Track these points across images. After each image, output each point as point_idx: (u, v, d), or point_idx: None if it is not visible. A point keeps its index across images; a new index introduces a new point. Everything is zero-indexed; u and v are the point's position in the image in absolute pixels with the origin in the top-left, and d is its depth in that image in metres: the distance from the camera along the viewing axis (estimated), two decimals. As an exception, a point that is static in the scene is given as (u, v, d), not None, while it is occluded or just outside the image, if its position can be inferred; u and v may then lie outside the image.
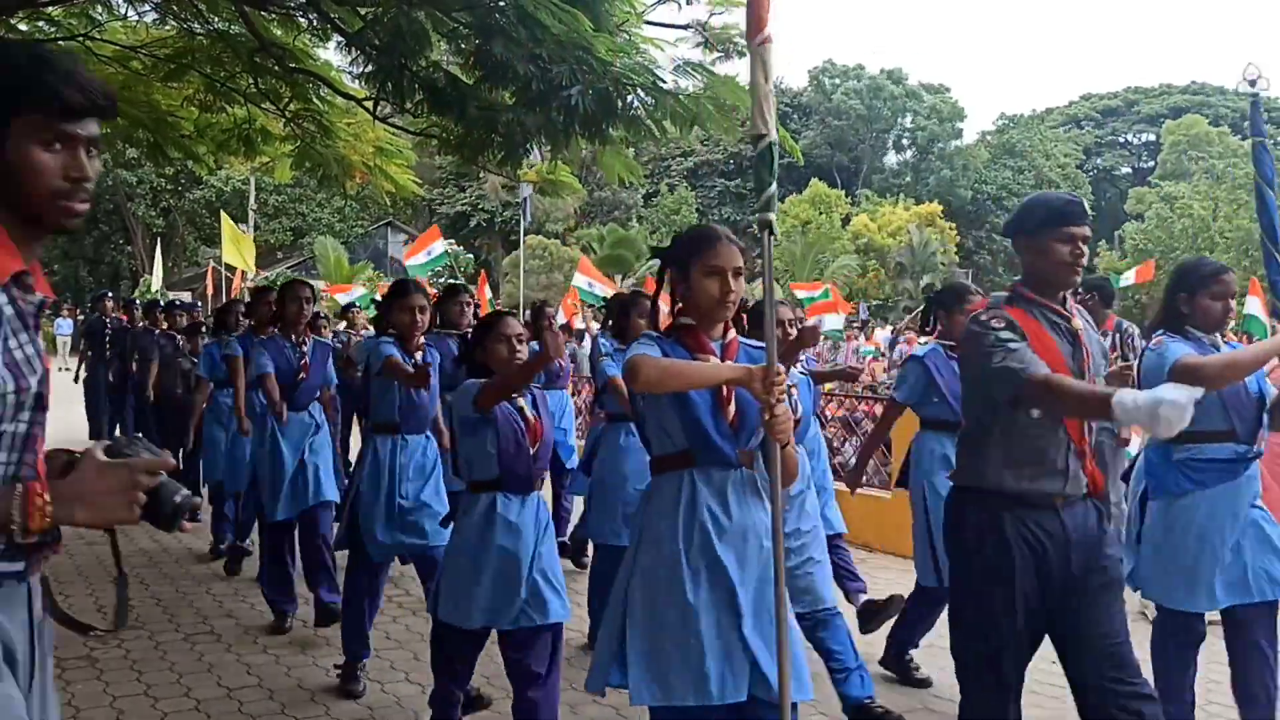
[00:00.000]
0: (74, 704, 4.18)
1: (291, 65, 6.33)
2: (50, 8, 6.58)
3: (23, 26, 6.82)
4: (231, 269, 21.29)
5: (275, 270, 35.12)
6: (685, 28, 5.23)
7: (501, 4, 4.71)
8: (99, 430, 11.59)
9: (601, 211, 41.75)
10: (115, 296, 12.66)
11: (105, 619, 5.18)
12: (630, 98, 5.11)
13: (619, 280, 29.55)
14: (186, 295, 15.84)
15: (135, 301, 12.12)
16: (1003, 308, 2.98)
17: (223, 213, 22.61)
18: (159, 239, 30.22)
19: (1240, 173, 32.10)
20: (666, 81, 5.25)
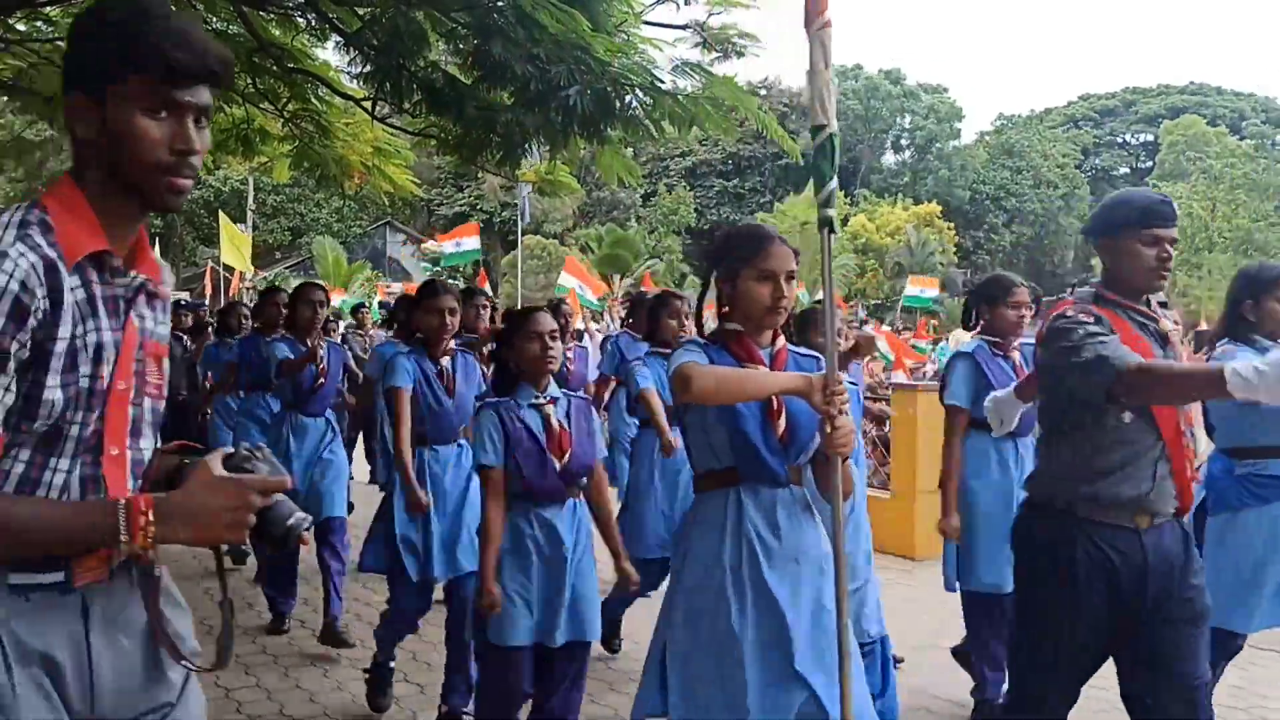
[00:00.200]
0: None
1: (290, 65, 6.33)
2: (49, 8, 6.58)
3: (21, 26, 6.82)
4: (230, 269, 21.30)
5: (273, 270, 35.11)
6: (684, 28, 5.23)
7: (500, 4, 4.71)
8: None
9: (600, 211, 41.76)
10: None
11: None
12: (629, 98, 5.12)
13: (618, 280, 29.55)
14: (185, 295, 15.81)
15: None
16: (1090, 306, 2.76)
17: (221, 213, 22.62)
18: (157, 239, 30.19)
19: (1238, 173, 32.15)
20: (665, 82, 5.25)
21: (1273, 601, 3.52)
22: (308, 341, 5.17)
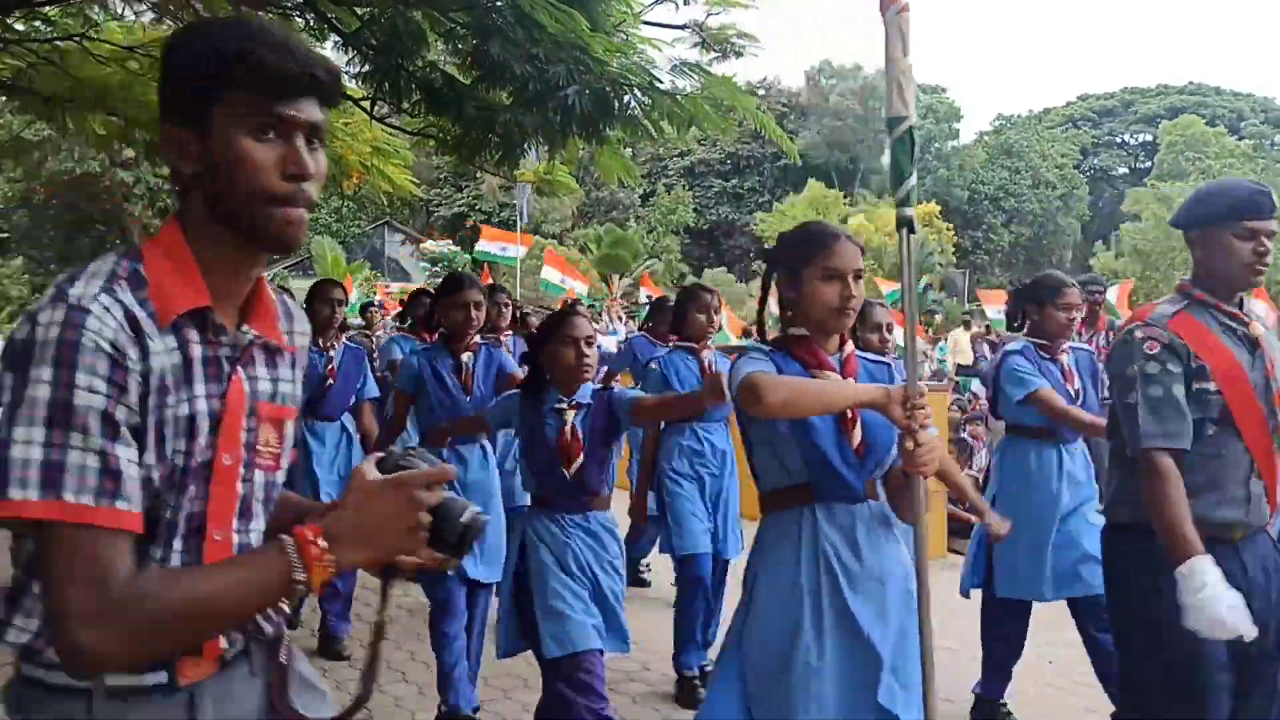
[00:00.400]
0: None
1: (289, 65, 6.33)
2: (47, 8, 6.58)
3: (19, 26, 6.82)
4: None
5: (272, 270, 35.13)
6: (682, 28, 5.23)
7: (499, 4, 4.71)
8: None
9: (599, 211, 41.77)
10: None
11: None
12: (627, 98, 5.12)
13: (616, 280, 29.55)
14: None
15: None
16: (1167, 323, 2.57)
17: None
18: (156, 239, 30.13)
19: (1236, 173, 32.17)
20: (663, 82, 5.26)
21: None
22: (318, 341, 5.00)
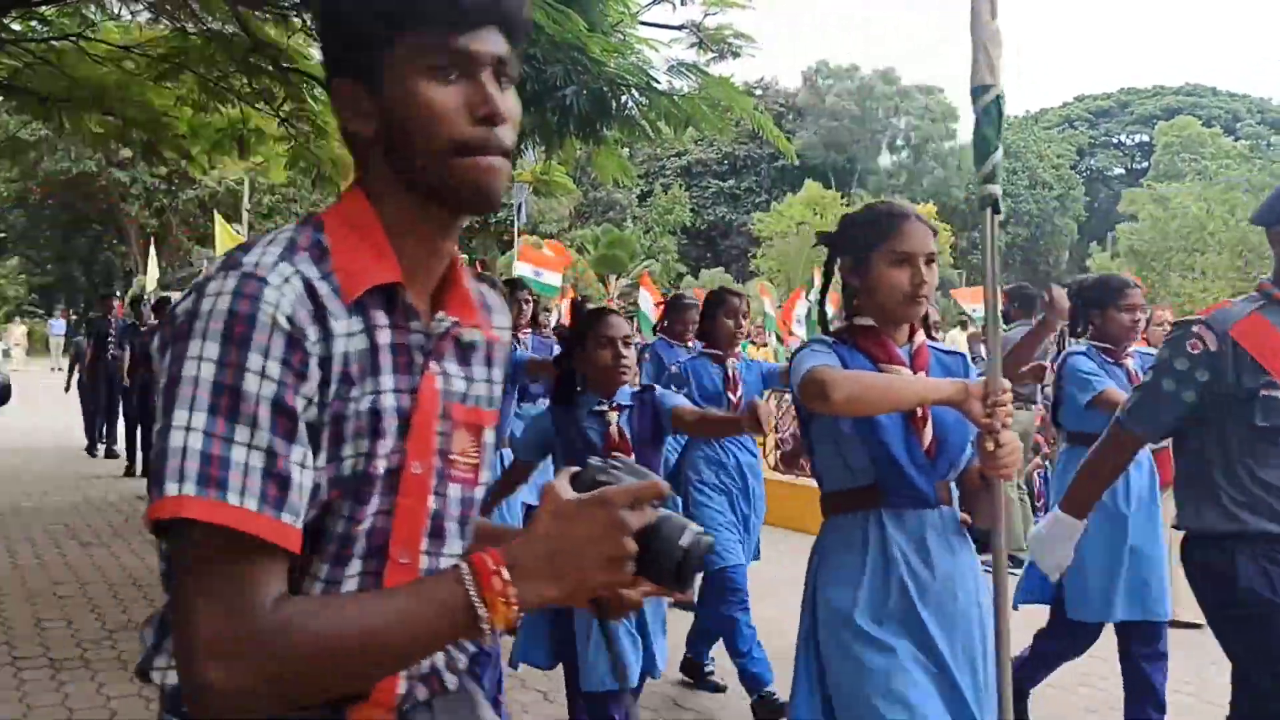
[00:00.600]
0: (68, 704, 4.17)
1: (285, 65, 6.34)
2: (43, 7, 6.58)
3: (16, 26, 6.82)
4: (225, 269, 21.20)
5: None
6: (680, 28, 5.24)
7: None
8: (104, 432, 11.36)
9: (596, 212, 41.77)
10: (111, 297, 12.31)
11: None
12: (625, 98, 5.13)
13: (613, 281, 29.54)
14: (179, 296, 15.81)
15: (144, 298, 11.56)
16: (1230, 326, 2.39)
17: (216, 213, 22.60)
18: (153, 239, 30.17)
19: (1233, 174, 32.23)
20: (661, 82, 5.27)
21: None
22: None
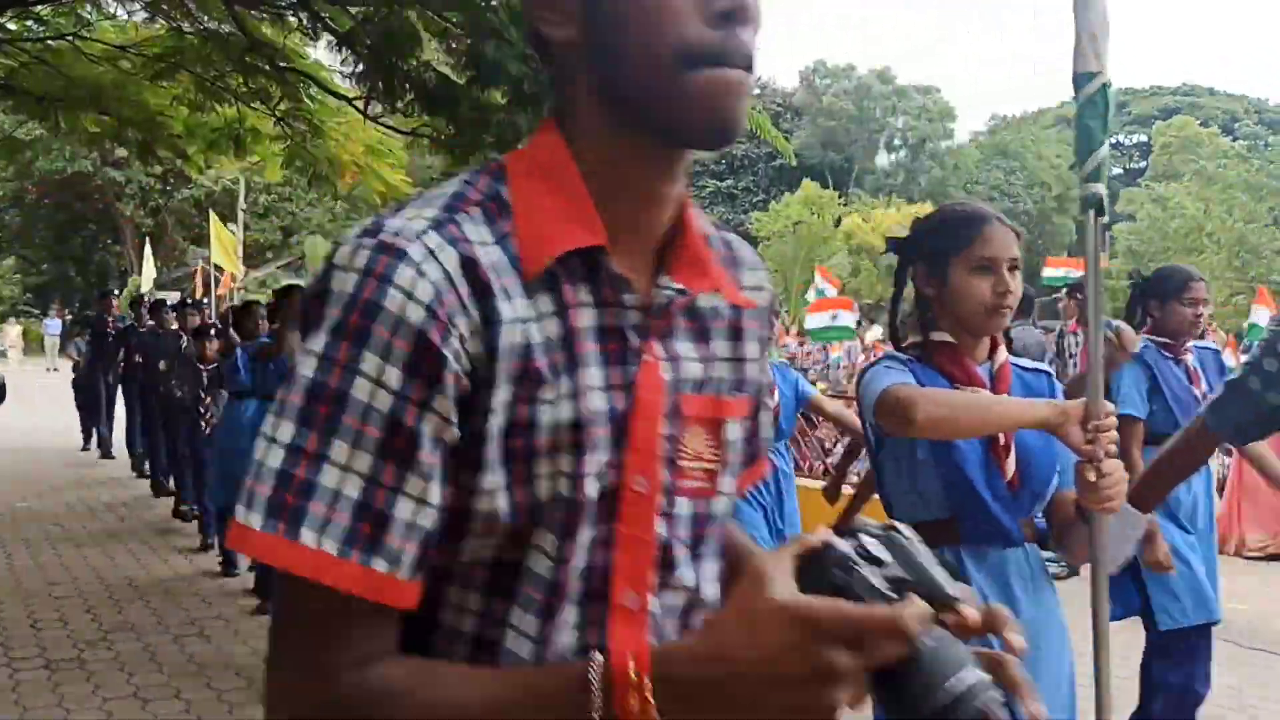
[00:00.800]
0: (64, 705, 4.16)
1: (282, 64, 6.33)
2: (39, 7, 6.56)
3: (12, 25, 6.80)
4: (220, 269, 21.25)
5: (265, 270, 35.06)
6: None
7: (493, 3, 4.70)
8: (95, 435, 11.30)
9: (593, 211, 41.79)
10: (109, 296, 12.16)
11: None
12: (622, 98, 5.12)
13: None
14: (175, 295, 15.71)
15: (143, 298, 11.30)
16: None
17: (211, 213, 22.57)
18: (148, 239, 30.15)
19: (1231, 174, 32.25)
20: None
21: None
22: None
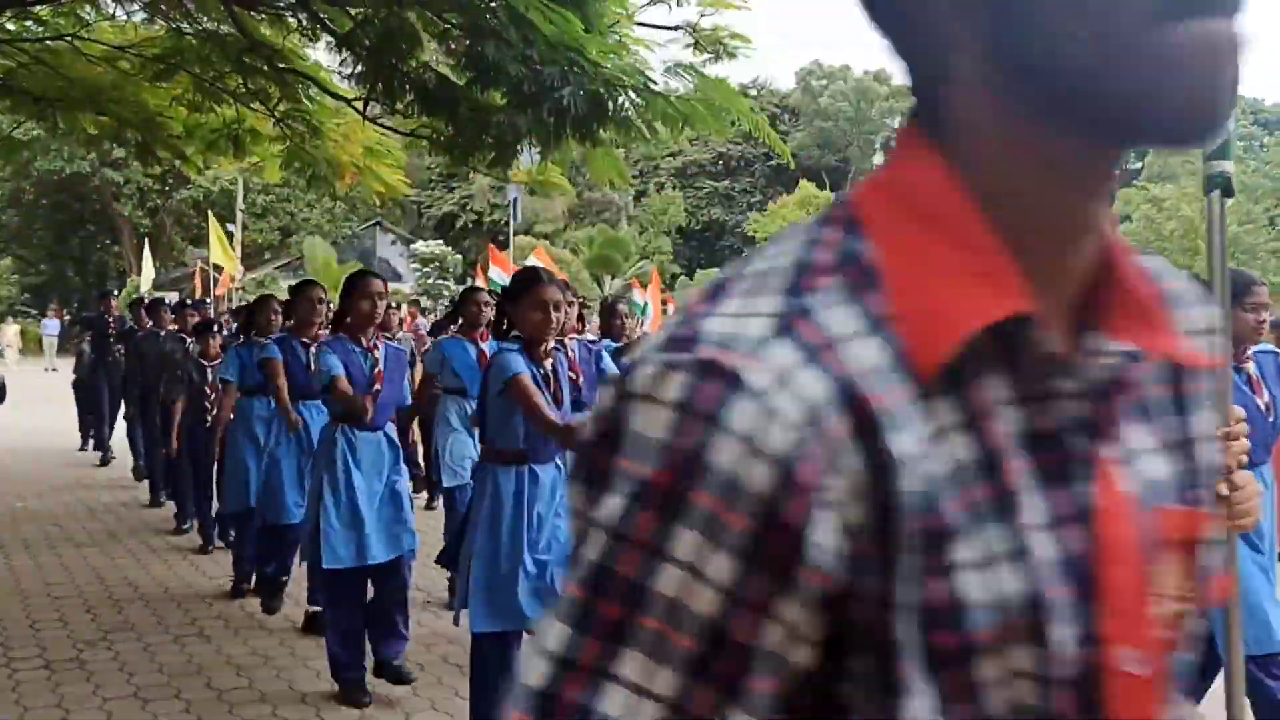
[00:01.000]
0: (64, 706, 4.17)
1: (281, 65, 6.33)
2: (38, 7, 6.56)
3: (10, 25, 6.80)
4: (219, 269, 21.28)
5: (263, 271, 35.04)
6: (675, 29, 5.24)
7: (493, 4, 4.72)
8: (96, 436, 11.24)
9: (591, 213, 41.75)
10: (109, 296, 12.05)
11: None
12: (621, 99, 5.13)
13: (608, 282, 29.55)
14: (174, 296, 15.69)
15: (142, 299, 11.11)
16: None
17: (210, 214, 22.58)
18: (146, 239, 30.15)
19: (1226, 175, 32.28)
20: (657, 83, 5.27)
21: None
22: (361, 341, 4.42)
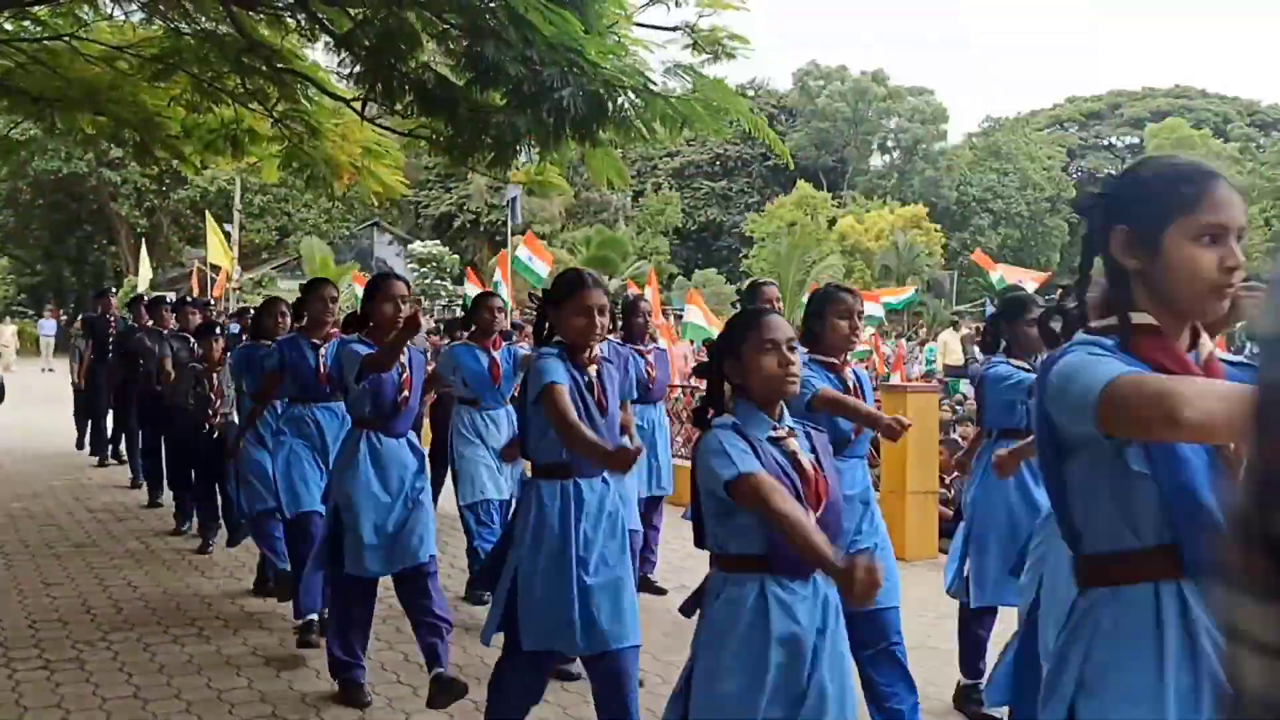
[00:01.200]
0: (63, 705, 4.17)
1: (279, 65, 6.34)
2: (36, 7, 6.56)
3: (9, 26, 6.80)
4: (216, 269, 21.30)
5: (260, 271, 35.02)
6: (674, 30, 5.25)
7: (492, 5, 4.72)
8: (95, 437, 11.12)
9: (588, 213, 41.73)
10: (109, 295, 11.91)
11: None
12: (621, 99, 5.14)
13: (606, 282, 29.50)
14: (171, 296, 15.74)
15: (141, 297, 10.92)
16: None
17: (207, 214, 22.59)
18: (143, 239, 30.11)
19: (1222, 175, 32.36)
20: (656, 83, 5.28)
21: None
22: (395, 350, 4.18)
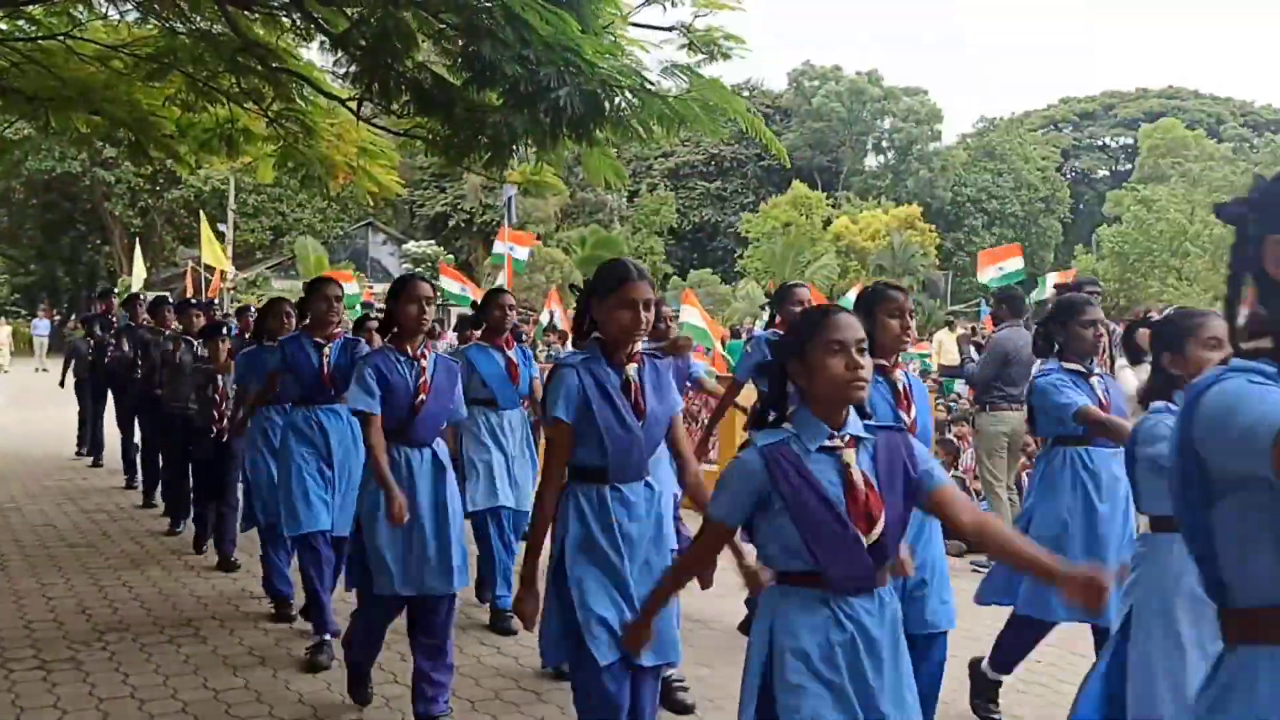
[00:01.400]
0: (60, 706, 4.16)
1: (274, 65, 6.33)
2: (30, 7, 6.55)
3: (3, 25, 6.78)
4: (210, 269, 21.27)
5: (254, 270, 34.97)
6: (670, 30, 5.26)
7: (489, 5, 4.72)
8: (92, 437, 11.06)
9: (583, 213, 41.73)
10: (109, 294, 11.76)
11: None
12: (618, 99, 5.14)
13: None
14: (167, 296, 15.75)
15: (138, 297, 10.78)
16: None
17: (201, 213, 22.56)
18: (137, 239, 30.06)
19: (1216, 176, 32.45)
20: (653, 83, 5.28)
21: None
22: (408, 349, 4.11)
